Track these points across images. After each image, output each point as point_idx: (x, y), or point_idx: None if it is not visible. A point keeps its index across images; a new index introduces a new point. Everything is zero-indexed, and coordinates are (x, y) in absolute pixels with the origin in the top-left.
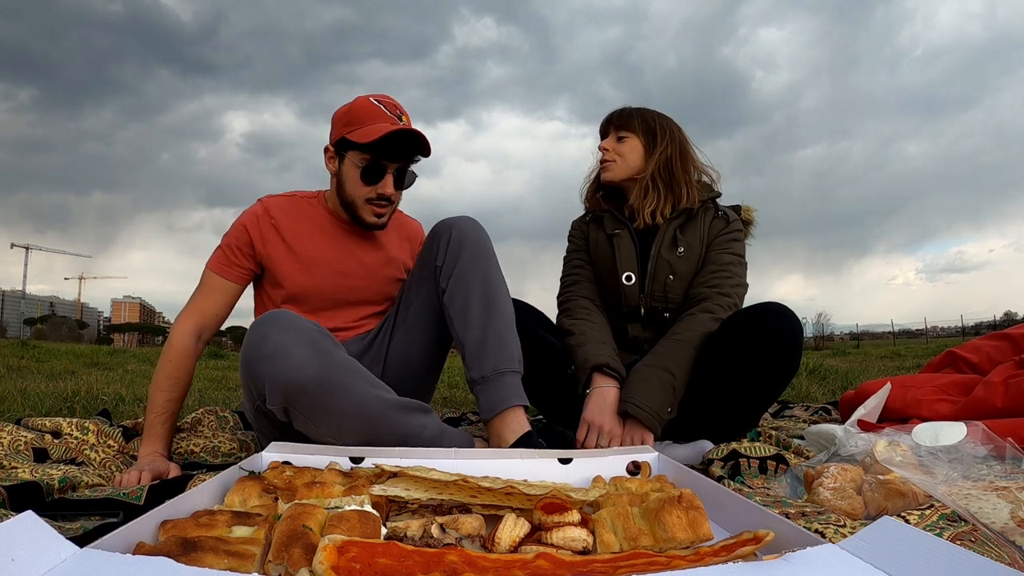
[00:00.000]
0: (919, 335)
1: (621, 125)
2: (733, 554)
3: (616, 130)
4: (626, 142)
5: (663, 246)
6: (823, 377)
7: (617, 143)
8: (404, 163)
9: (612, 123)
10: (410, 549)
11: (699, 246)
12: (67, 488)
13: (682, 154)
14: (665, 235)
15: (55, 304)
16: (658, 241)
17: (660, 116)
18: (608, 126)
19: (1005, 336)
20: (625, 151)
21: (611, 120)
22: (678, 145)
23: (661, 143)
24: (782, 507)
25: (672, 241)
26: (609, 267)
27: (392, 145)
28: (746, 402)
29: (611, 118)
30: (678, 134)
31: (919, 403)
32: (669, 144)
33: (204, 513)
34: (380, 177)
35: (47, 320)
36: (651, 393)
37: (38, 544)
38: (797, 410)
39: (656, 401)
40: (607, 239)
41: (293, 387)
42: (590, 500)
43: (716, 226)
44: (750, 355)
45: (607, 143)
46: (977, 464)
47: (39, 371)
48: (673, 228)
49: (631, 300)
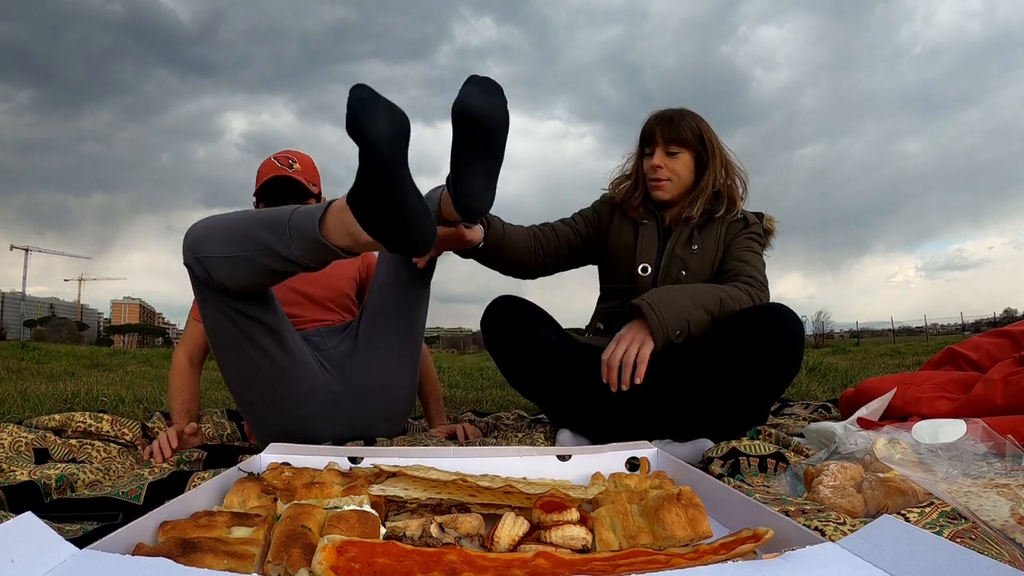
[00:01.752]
0: (919, 333)
1: (673, 139)
2: (733, 552)
3: (667, 144)
4: (679, 158)
5: (679, 243)
6: (823, 375)
7: (668, 158)
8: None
9: (663, 135)
10: (409, 549)
11: (714, 246)
12: (65, 487)
13: (726, 168)
14: (683, 233)
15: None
16: (675, 237)
17: (703, 124)
18: (656, 136)
19: (1005, 333)
20: (679, 168)
21: (661, 131)
22: (720, 157)
23: (712, 160)
24: (782, 505)
25: (688, 239)
26: (628, 255)
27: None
28: (747, 402)
29: (660, 128)
30: (719, 143)
31: (919, 401)
32: (719, 157)
33: (203, 514)
34: None
35: (47, 322)
36: (669, 306)
37: (37, 545)
38: (797, 408)
39: (670, 312)
40: (633, 226)
41: (193, 236)
42: (589, 498)
43: (734, 228)
44: (751, 355)
45: (660, 159)
46: (977, 461)
47: (39, 373)
48: (692, 227)
49: (643, 291)
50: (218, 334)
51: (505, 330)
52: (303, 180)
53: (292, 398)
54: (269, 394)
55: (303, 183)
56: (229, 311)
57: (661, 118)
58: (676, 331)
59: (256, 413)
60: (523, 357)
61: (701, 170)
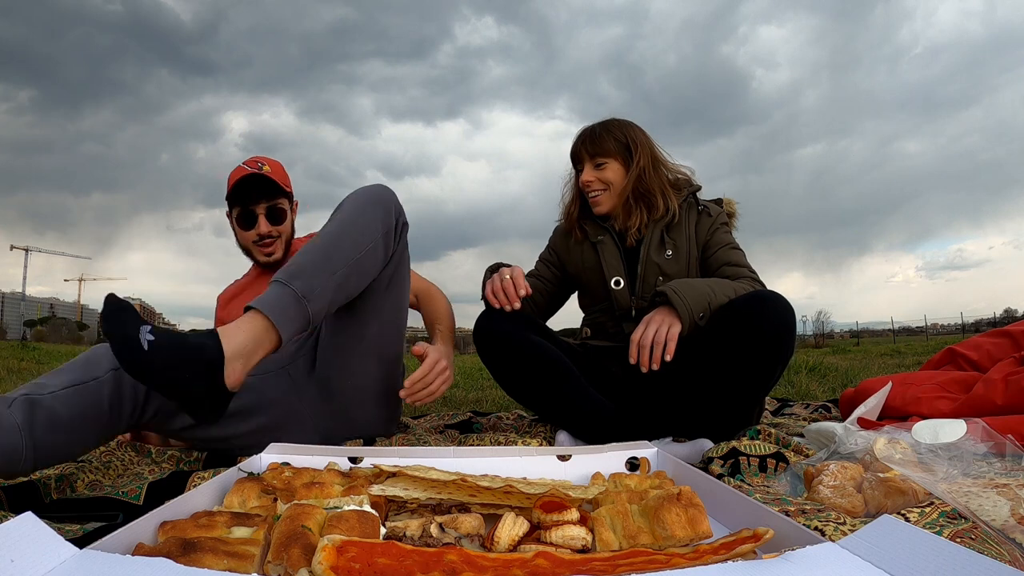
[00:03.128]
0: (919, 333)
1: (596, 152)
2: (733, 552)
3: (592, 157)
4: (606, 168)
5: (651, 249)
6: (823, 375)
7: (597, 170)
8: (271, 202)
9: (586, 150)
10: (409, 549)
11: (687, 245)
12: (64, 487)
13: (654, 161)
14: (652, 238)
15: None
16: (646, 245)
17: (628, 127)
18: (581, 153)
19: (1005, 333)
20: (609, 177)
21: (584, 147)
22: (649, 153)
23: (635, 158)
24: (782, 505)
25: (660, 243)
26: (596, 274)
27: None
28: (741, 391)
29: (583, 145)
30: (647, 141)
31: (919, 400)
32: (642, 156)
33: (203, 514)
34: (253, 220)
35: (47, 322)
36: (692, 291)
37: (38, 545)
38: (797, 408)
39: (694, 296)
40: (592, 246)
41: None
42: (589, 498)
43: (703, 223)
44: (743, 343)
45: (588, 175)
46: (977, 461)
47: (39, 373)
48: (659, 230)
49: (622, 302)
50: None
51: (497, 339)
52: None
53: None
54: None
55: (276, 182)
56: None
57: (583, 135)
58: (700, 313)
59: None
60: (516, 365)
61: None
